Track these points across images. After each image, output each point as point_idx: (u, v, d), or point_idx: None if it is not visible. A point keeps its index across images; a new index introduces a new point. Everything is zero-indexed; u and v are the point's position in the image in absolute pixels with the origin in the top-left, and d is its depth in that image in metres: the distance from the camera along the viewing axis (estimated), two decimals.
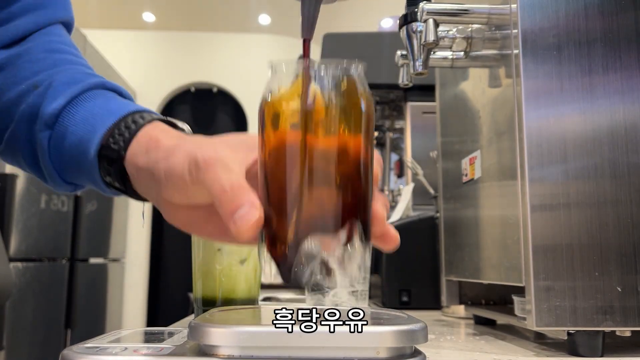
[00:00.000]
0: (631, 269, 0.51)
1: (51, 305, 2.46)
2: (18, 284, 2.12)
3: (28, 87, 0.52)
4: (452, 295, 0.80)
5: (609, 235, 0.51)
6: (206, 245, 0.66)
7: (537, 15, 0.55)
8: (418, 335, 0.39)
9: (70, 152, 0.48)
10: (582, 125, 0.53)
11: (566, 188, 0.52)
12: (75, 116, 0.48)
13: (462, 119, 0.77)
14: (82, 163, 0.47)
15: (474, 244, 0.70)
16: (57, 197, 2.47)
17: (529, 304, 0.51)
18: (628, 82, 0.54)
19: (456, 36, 0.68)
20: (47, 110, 0.49)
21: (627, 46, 0.54)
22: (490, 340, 0.63)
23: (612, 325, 0.50)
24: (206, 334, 0.38)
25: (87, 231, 2.77)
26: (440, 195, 0.85)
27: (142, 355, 0.39)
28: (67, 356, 0.38)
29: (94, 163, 0.46)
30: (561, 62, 0.54)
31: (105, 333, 0.48)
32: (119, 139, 0.45)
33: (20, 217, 2.15)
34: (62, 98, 0.49)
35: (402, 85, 0.80)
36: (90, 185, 0.50)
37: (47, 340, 2.39)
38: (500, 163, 0.61)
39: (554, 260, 0.51)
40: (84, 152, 0.46)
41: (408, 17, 0.67)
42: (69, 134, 0.47)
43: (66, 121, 0.48)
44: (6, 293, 0.98)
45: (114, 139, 0.45)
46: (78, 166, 0.48)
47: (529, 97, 0.54)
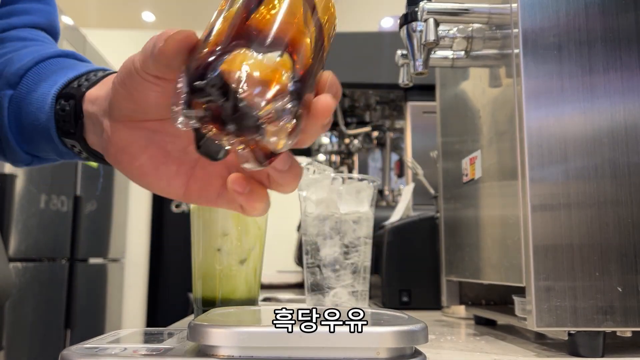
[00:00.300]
0: (632, 269, 0.51)
1: (51, 305, 2.46)
2: (18, 284, 2.11)
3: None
4: (452, 295, 0.80)
5: (609, 235, 0.51)
6: (206, 245, 0.66)
7: (537, 15, 0.55)
8: (418, 336, 0.39)
9: (29, 109, 0.46)
10: (582, 125, 0.53)
11: (566, 188, 0.52)
12: (39, 75, 0.47)
13: (463, 118, 0.77)
14: (39, 116, 0.45)
15: (474, 244, 0.70)
16: (57, 197, 2.47)
17: (529, 304, 0.51)
18: (629, 82, 0.54)
19: (456, 36, 0.68)
20: (10, 71, 0.48)
21: (628, 46, 0.54)
22: (491, 340, 0.63)
23: (613, 326, 0.50)
24: (206, 334, 0.38)
25: (86, 231, 2.77)
26: (441, 195, 0.85)
27: (141, 356, 0.39)
28: (67, 356, 0.38)
29: (51, 108, 0.45)
30: (562, 62, 0.54)
31: (104, 333, 0.48)
32: (83, 82, 0.45)
33: (20, 217, 2.15)
34: (28, 60, 0.48)
35: (403, 85, 0.79)
36: (45, 150, 0.49)
37: (47, 340, 2.39)
38: (501, 163, 0.61)
39: (555, 261, 0.51)
40: (42, 101, 0.45)
41: (408, 17, 0.67)
42: (31, 92, 0.46)
43: (29, 80, 0.47)
44: (6, 293, 0.98)
45: (79, 82, 0.45)
46: (35, 123, 0.46)
47: (529, 97, 0.54)
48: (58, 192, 2.47)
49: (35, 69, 0.48)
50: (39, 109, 0.46)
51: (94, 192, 2.91)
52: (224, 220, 0.66)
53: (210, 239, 0.66)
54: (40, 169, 2.24)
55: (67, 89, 0.45)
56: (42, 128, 0.46)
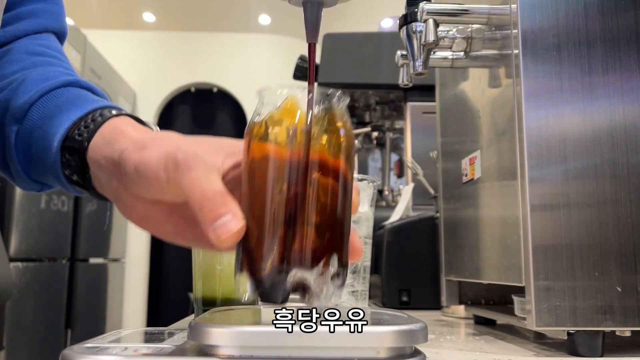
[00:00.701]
0: (631, 269, 0.51)
1: (51, 305, 2.46)
2: (18, 284, 2.12)
3: (3, 85, 0.51)
4: (452, 295, 0.80)
5: (609, 235, 0.51)
6: None
7: (537, 15, 0.55)
8: (418, 335, 0.39)
9: (35, 147, 0.47)
10: (582, 125, 0.53)
11: (566, 188, 0.52)
12: (43, 110, 0.47)
13: (462, 119, 0.77)
14: (45, 157, 0.46)
15: (474, 244, 0.70)
16: (57, 197, 2.47)
17: (528, 304, 0.51)
18: (628, 82, 0.54)
19: (456, 36, 0.68)
20: (16, 104, 0.48)
21: (627, 46, 0.54)
22: (490, 340, 0.63)
23: (612, 325, 0.50)
24: (206, 334, 0.38)
25: (87, 231, 2.77)
26: (440, 195, 0.85)
27: (142, 355, 0.39)
28: (67, 356, 0.39)
29: (57, 156, 0.45)
30: (561, 62, 0.54)
31: (105, 333, 0.48)
32: (83, 130, 0.45)
33: (20, 217, 2.15)
34: (33, 93, 0.48)
35: (402, 85, 0.80)
36: (54, 183, 0.49)
37: (47, 340, 2.39)
38: (500, 163, 0.61)
39: (554, 260, 0.51)
40: (48, 145, 0.45)
41: (408, 17, 0.67)
42: (36, 129, 0.47)
43: (34, 115, 0.47)
44: (6, 293, 0.98)
45: (79, 131, 0.45)
46: (42, 161, 0.47)
47: (528, 97, 0.54)
48: (58, 192, 2.47)
49: (39, 103, 0.48)
50: (45, 150, 0.46)
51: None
52: None
53: None
54: None
55: (70, 142, 0.45)
56: (50, 169, 0.47)
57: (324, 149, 0.41)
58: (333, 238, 0.41)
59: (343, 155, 0.42)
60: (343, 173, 0.42)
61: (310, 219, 0.40)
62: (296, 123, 0.40)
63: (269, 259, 0.39)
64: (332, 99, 0.42)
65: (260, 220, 0.40)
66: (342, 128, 0.42)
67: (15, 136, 0.48)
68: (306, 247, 0.39)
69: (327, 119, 0.42)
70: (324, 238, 0.40)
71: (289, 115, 0.41)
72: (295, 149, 0.40)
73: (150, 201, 0.41)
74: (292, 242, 0.39)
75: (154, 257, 3.94)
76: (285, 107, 0.41)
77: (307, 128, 0.40)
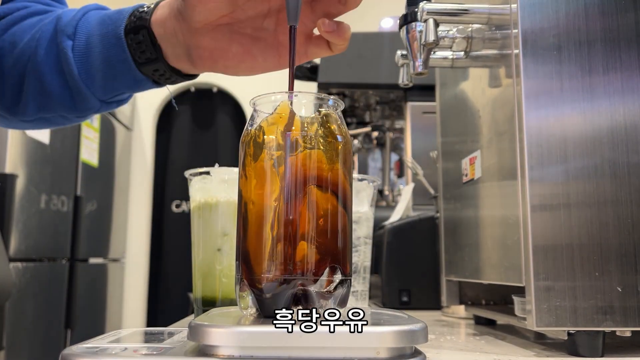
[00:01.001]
0: (631, 269, 0.51)
1: (51, 305, 2.46)
2: (18, 284, 2.11)
3: (40, 27, 0.55)
4: (452, 295, 0.80)
5: (609, 235, 0.51)
6: (206, 245, 0.66)
7: (537, 15, 0.55)
8: (418, 336, 0.39)
9: (96, 50, 0.51)
10: (582, 125, 0.53)
11: (566, 188, 0.52)
12: (91, 22, 0.52)
13: (462, 119, 0.77)
14: (111, 53, 0.51)
15: (474, 244, 0.70)
16: (57, 197, 2.47)
17: (529, 304, 0.51)
18: (628, 82, 0.54)
19: (456, 36, 0.68)
20: (63, 24, 0.53)
21: (628, 46, 0.54)
22: (491, 340, 0.63)
23: (613, 326, 0.50)
24: (206, 334, 0.38)
25: (87, 231, 2.77)
26: (440, 195, 0.85)
27: (142, 356, 0.39)
28: (68, 356, 0.38)
29: (123, 44, 0.51)
30: (561, 62, 0.54)
31: (105, 333, 0.48)
32: (140, 14, 0.51)
33: (20, 217, 2.15)
34: (75, 13, 0.53)
35: (402, 85, 0.79)
36: (120, 87, 0.54)
37: (47, 340, 2.39)
38: (500, 163, 0.61)
39: (554, 260, 0.51)
40: (110, 38, 0.51)
41: (408, 17, 0.67)
42: (90, 36, 0.52)
43: (84, 28, 0.52)
44: (6, 293, 0.98)
45: (136, 16, 0.51)
46: (107, 61, 0.52)
47: (529, 97, 0.54)
48: (58, 192, 2.47)
49: (84, 20, 0.53)
50: (109, 48, 0.51)
51: (95, 192, 2.91)
52: (224, 220, 0.66)
53: (210, 239, 0.66)
54: (41, 169, 2.25)
55: (131, 24, 0.51)
56: (117, 64, 0.52)
57: (321, 156, 0.40)
58: (334, 248, 0.40)
59: (340, 162, 0.41)
60: (341, 180, 0.41)
61: (310, 229, 0.39)
62: (292, 130, 0.40)
63: (269, 271, 0.39)
64: (327, 104, 0.42)
65: (259, 231, 0.39)
66: (339, 134, 0.42)
67: (72, 50, 0.52)
68: (307, 257, 0.39)
69: (323, 126, 0.41)
70: (325, 248, 0.40)
71: (283, 122, 0.41)
72: (291, 156, 0.40)
73: (212, 27, 0.47)
74: (293, 252, 0.39)
75: (154, 257, 3.94)
76: (279, 115, 0.41)
77: (302, 134, 0.40)
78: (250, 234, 0.40)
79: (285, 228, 0.39)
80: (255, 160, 0.40)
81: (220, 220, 0.66)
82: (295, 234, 0.39)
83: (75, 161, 2.65)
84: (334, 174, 0.41)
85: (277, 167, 0.40)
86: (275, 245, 0.39)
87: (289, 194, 0.39)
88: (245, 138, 0.42)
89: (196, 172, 0.68)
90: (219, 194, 0.66)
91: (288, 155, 0.40)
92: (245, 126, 0.43)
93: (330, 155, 0.41)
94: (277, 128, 0.40)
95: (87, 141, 2.76)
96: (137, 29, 0.50)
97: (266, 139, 0.40)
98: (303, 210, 0.39)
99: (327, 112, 0.42)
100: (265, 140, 0.40)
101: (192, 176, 0.69)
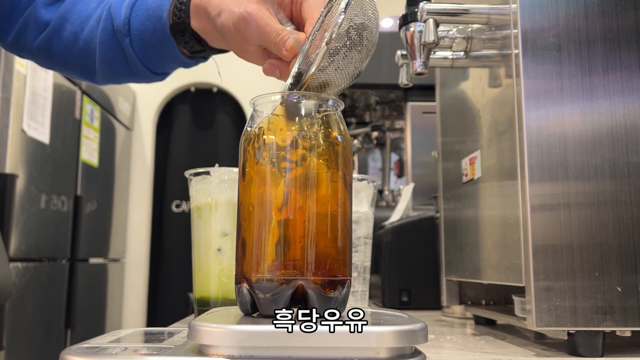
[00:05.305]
0: (631, 269, 0.51)
1: (51, 305, 2.46)
2: (18, 284, 2.11)
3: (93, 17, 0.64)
4: (452, 295, 0.80)
5: (609, 235, 0.51)
6: (206, 245, 0.66)
7: (537, 15, 0.55)
8: (418, 336, 0.39)
9: (150, 45, 0.61)
10: (582, 125, 0.53)
11: (566, 188, 0.52)
12: (140, 17, 0.61)
13: (462, 119, 0.77)
14: (163, 47, 0.60)
15: (474, 244, 0.70)
16: (57, 197, 2.47)
17: (529, 304, 0.51)
18: (628, 82, 0.54)
19: (456, 36, 0.68)
20: (118, 23, 0.61)
21: (627, 46, 0.54)
22: (491, 340, 0.63)
23: (612, 325, 0.50)
24: (206, 334, 0.38)
25: (87, 231, 2.77)
26: (441, 195, 0.85)
27: (142, 355, 0.39)
28: (68, 356, 0.38)
29: (172, 42, 0.60)
30: (561, 62, 0.54)
31: (105, 333, 0.48)
32: (179, 14, 0.58)
33: (20, 217, 2.15)
34: (124, 8, 0.61)
35: (402, 85, 0.80)
36: (175, 64, 0.64)
37: (47, 340, 2.39)
38: (500, 163, 0.61)
39: (554, 260, 0.51)
40: (159, 39, 0.60)
41: (408, 17, 0.67)
42: (142, 33, 0.61)
43: (136, 25, 0.61)
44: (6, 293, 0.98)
45: (176, 15, 0.59)
46: (161, 53, 0.61)
47: (529, 97, 0.54)
48: (58, 192, 2.47)
49: (134, 14, 0.61)
50: (162, 44, 0.60)
51: (95, 192, 2.91)
52: (224, 220, 0.66)
53: (210, 239, 0.66)
54: (41, 169, 2.24)
55: (176, 27, 0.59)
56: (170, 57, 0.62)
57: (321, 156, 0.40)
58: (334, 248, 0.40)
59: (340, 162, 0.41)
60: (341, 180, 0.41)
61: (309, 229, 0.39)
62: (292, 131, 0.40)
63: (268, 271, 0.39)
64: (327, 104, 0.42)
65: (259, 231, 0.39)
66: (339, 135, 0.42)
67: (131, 45, 0.61)
68: (307, 257, 0.39)
69: (323, 126, 0.41)
70: (325, 248, 0.40)
71: (283, 122, 0.41)
72: (291, 156, 0.40)
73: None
74: (292, 252, 0.39)
75: (154, 257, 3.94)
76: (279, 115, 0.41)
77: (302, 134, 0.40)
78: (250, 234, 0.40)
79: (285, 228, 0.39)
80: (255, 160, 0.40)
81: (220, 220, 0.66)
82: (295, 234, 0.39)
83: (75, 161, 2.65)
84: (333, 174, 0.41)
85: (277, 167, 0.40)
86: (275, 245, 0.39)
87: (288, 194, 0.39)
88: (245, 138, 0.42)
89: (196, 172, 0.68)
90: (219, 194, 0.66)
91: (288, 156, 0.40)
92: (245, 126, 0.43)
93: (330, 155, 0.41)
94: (277, 128, 0.40)
95: (87, 141, 2.76)
96: (182, 32, 0.59)
97: (266, 139, 0.40)
98: (303, 210, 0.39)
99: (327, 112, 0.42)
100: (265, 141, 0.40)
101: (192, 176, 0.69)
